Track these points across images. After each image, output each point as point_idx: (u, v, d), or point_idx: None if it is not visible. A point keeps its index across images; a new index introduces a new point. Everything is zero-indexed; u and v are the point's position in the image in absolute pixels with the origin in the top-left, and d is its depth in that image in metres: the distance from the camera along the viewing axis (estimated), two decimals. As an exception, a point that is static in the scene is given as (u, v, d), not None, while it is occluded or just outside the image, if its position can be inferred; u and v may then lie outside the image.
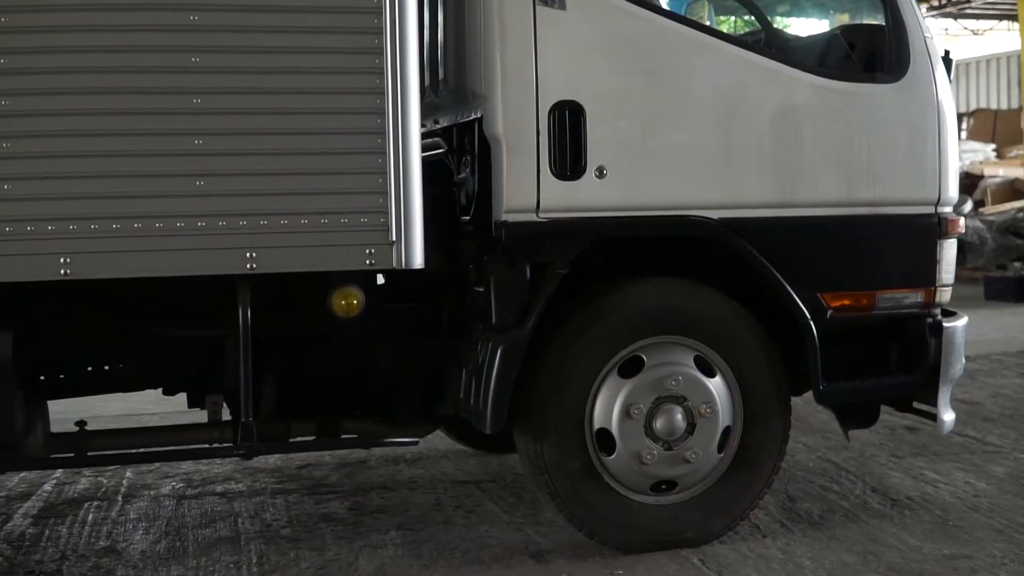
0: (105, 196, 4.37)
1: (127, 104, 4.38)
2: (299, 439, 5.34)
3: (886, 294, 5.37)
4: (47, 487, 6.69)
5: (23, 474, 6.82)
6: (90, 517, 6.07)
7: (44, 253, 4.33)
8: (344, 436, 5.42)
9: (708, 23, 5.80)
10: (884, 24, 5.44)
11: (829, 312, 5.24)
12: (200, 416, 5.44)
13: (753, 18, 6.31)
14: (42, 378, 5.16)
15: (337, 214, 4.58)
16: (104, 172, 4.37)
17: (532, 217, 4.90)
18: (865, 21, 6.29)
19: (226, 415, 5.27)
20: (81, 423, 5.21)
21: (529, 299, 4.91)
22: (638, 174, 5.01)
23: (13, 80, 4.29)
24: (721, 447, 5.16)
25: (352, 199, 4.59)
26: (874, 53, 5.48)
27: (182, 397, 5.52)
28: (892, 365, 5.52)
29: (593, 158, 4.92)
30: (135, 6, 4.40)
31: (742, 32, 6.64)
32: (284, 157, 4.54)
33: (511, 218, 4.88)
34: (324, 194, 4.57)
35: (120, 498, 6.43)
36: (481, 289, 5.05)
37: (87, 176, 4.36)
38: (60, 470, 6.87)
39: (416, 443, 5.46)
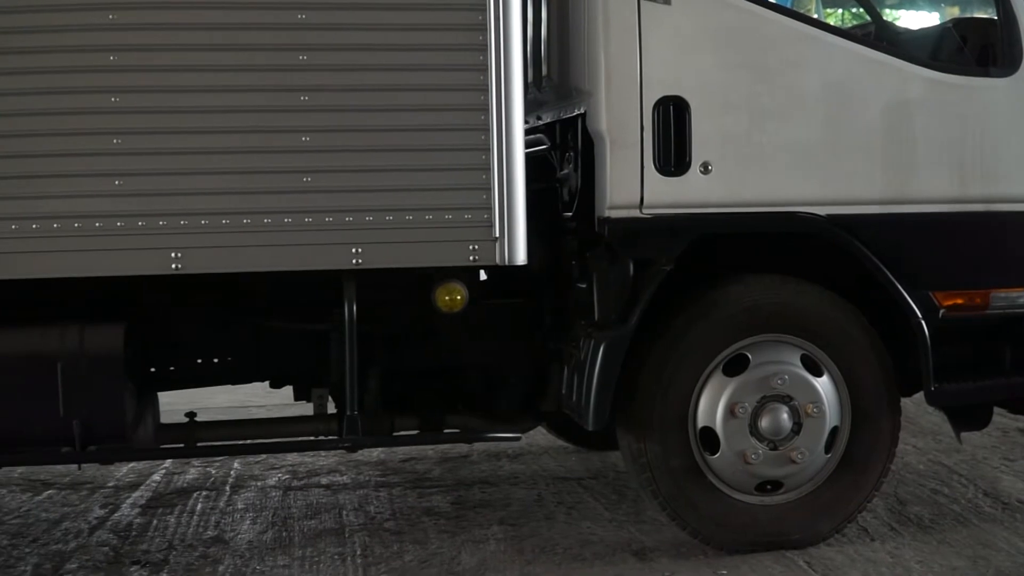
0: (215, 192, 4.45)
1: (237, 101, 4.45)
2: (402, 433, 5.38)
3: (1000, 293, 5.23)
4: (156, 477, 6.84)
5: (132, 464, 6.97)
6: (198, 507, 6.18)
7: (156, 248, 4.43)
8: (447, 431, 5.45)
9: (815, 16, 5.71)
10: (996, 18, 5.29)
11: (941, 311, 5.12)
12: (306, 409, 5.50)
13: (862, 11, 6.19)
14: (152, 370, 5.28)
15: (441, 210, 4.60)
16: (214, 168, 4.45)
17: (636, 213, 4.86)
18: (976, 15, 6.15)
19: (331, 408, 5.34)
20: (191, 414, 5.30)
21: (632, 296, 4.87)
22: (744, 170, 4.94)
23: (125, 77, 4.38)
24: (828, 448, 5.07)
25: (456, 195, 4.60)
26: (986, 47, 5.33)
27: (288, 390, 5.60)
28: (1005, 366, 5.37)
29: (698, 154, 4.87)
30: (245, 5, 4.47)
31: (851, 25, 6.52)
32: (389, 154, 4.57)
33: (614, 214, 4.85)
34: (428, 190, 4.59)
35: (228, 488, 6.54)
36: (584, 285, 5.03)
37: (198, 172, 4.44)
38: (169, 460, 7.01)
39: (518, 439, 5.47)
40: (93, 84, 4.37)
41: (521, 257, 4.68)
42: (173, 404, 5.44)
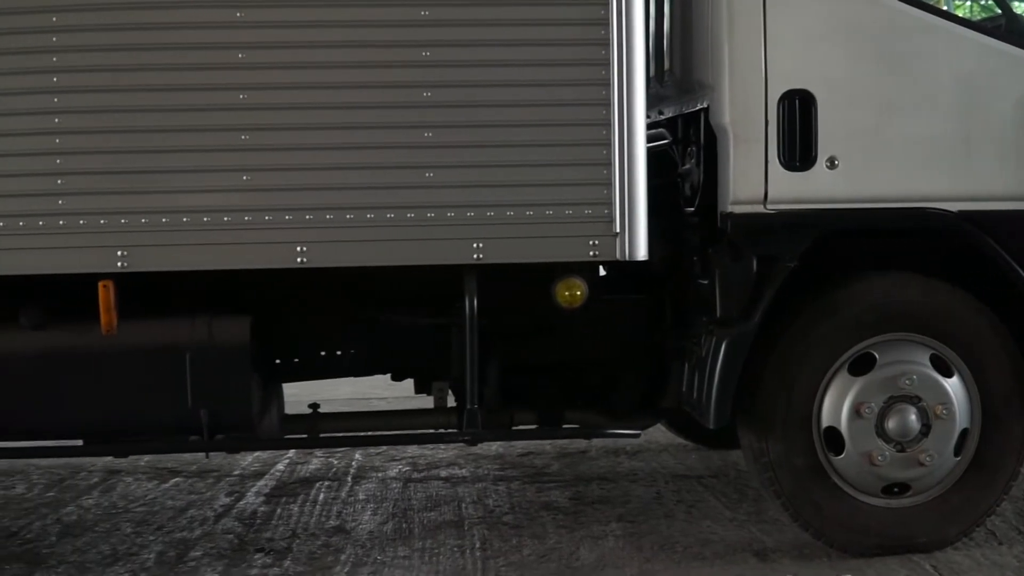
0: (340, 187, 4.50)
1: (361, 98, 4.51)
2: (521, 427, 5.39)
3: None
4: (280, 467, 6.96)
5: (257, 453, 7.12)
6: (320, 497, 6.28)
7: (282, 242, 4.50)
8: (565, 426, 5.44)
9: (944, 7, 5.56)
10: None
11: (1079, 312, 4.95)
12: (426, 402, 5.55)
13: (991, 3, 6.01)
14: (277, 362, 5.37)
15: (562, 205, 4.60)
16: (339, 164, 4.51)
17: (759, 209, 4.80)
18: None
19: (451, 402, 5.37)
20: (314, 406, 5.38)
21: (755, 293, 4.81)
22: (871, 165, 4.84)
23: (253, 74, 4.46)
24: (958, 450, 4.93)
25: (577, 191, 4.59)
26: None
27: (409, 383, 5.65)
28: None
29: (824, 148, 4.78)
30: (370, 1, 4.52)
31: (980, 17, 6.34)
32: (510, 149, 4.58)
33: (737, 210, 4.79)
34: (549, 186, 4.59)
35: (350, 479, 6.64)
36: (705, 282, 4.98)
37: (323, 168, 4.51)
38: (293, 450, 7.14)
39: (638, 436, 5.43)
40: (222, 81, 4.46)
41: (642, 252, 4.66)
42: (296, 395, 5.53)
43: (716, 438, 6.47)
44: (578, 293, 4.83)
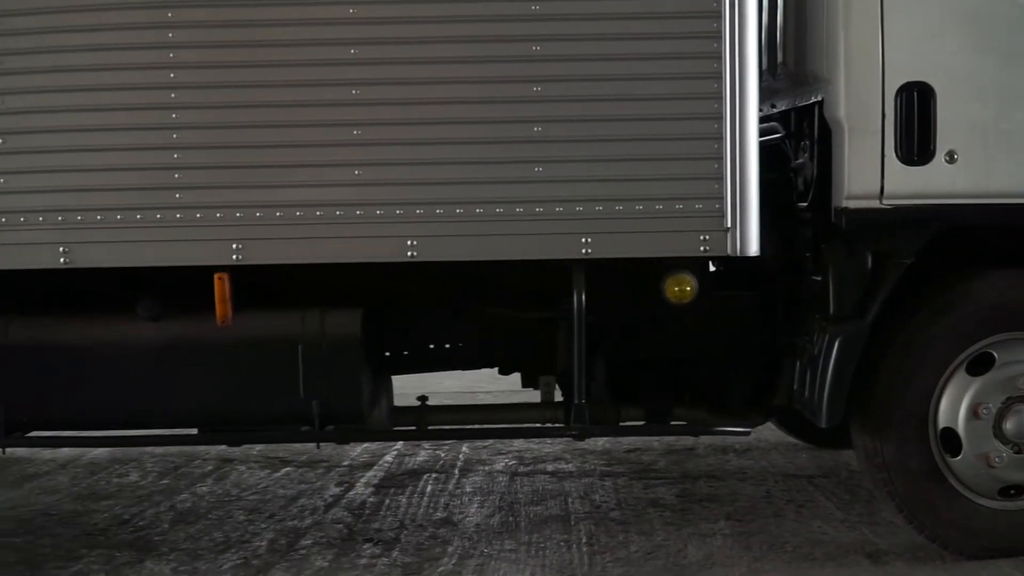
0: (450, 182, 4.53)
1: (471, 93, 4.51)
2: (629, 423, 5.37)
3: None
4: (388, 458, 7.03)
5: (366, 444, 7.20)
6: (428, 489, 6.33)
7: (392, 236, 4.54)
8: (673, 423, 5.40)
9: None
10: None
11: None
12: (533, 396, 5.55)
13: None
14: (387, 354, 5.42)
15: (672, 200, 4.56)
16: (449, 159, 4.53)
17: (875, 204, 4.70)
18: None
19: (558, 396, 5.37)
20: (423, 398, 5.43)
21: (870, 289, 4.71)
22: (992, 159, 4.71)
23: (365, 70, 4.50)
24: (1078, 453, 4.79)
25: (687, 185, 4.55)
26: None
27: (515, 377, 5.66)
28: None
29: (943, 142, 4.67)
30: (482, -3, 4.53)
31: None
32: (620, 143, 4.55)
33: (852, 204, 4.70)
34: (659, 180, 4.56)
35: (456, 472, 6.68)
36: (818, 278, 4.89)
37: (433, 162, 4.53)
38: (401, 442, 7.21)
39: (747, 434, 5.36)
40: (335, 77, 4.51)
41: (753, 248, 4.59)
42: (402, 388, 5.57)
43: (827, 437, 6.38)
44: (687, 289, 4.79)
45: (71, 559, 5.30)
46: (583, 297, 4.75)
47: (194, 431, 5.21)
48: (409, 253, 4.57)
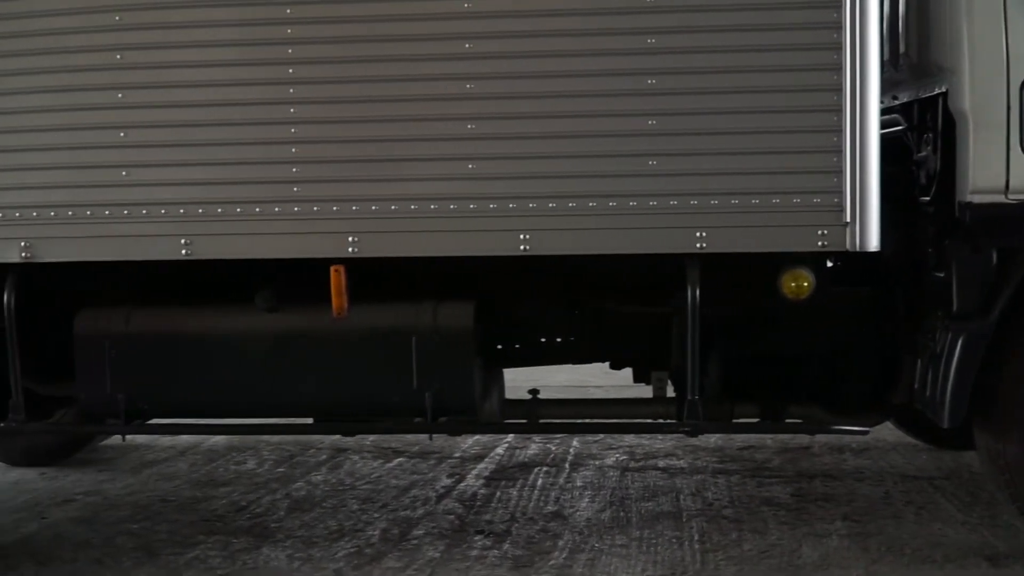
0: (563, 175, 4.51)
1: (586, 86, 4.49)
2: (743, 420, 5.29)
3: None
4: (499, 451, 7.06)
5: (477, 437, 7.23)
6: (539, 482, 6.33)
7: (505, 229, 4.54)
8: (789, 420, 5.31)
9: None
10: None
11: None
12: (645, 391, 5.51)
13: None
14: (499, 347, 5.43)
15: (789, 194, 4.48)
16: (562, 152, 4.52)
17: (1000, 198, 4.56)
18: None
19: (670, 392, 5.32)
20: (534, 392, 5.42)
21: (994, 286, 4.58)
22: (1123, 152, 4.54)
23: (479, 64, 4.51)
24: None
25: (805, 179, 4.46)
26: None
27: (627, 372, 5.63)
28: None
29: (1072, 136, 4.52)
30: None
31: None
32: (735, 136, 4.49)
33: (977, 199, 4.57)
34: (777, 174, 4.48)
35: (567, 466, 6.67)
36: (941, 274, 4.76)
37: (547, 156, 4.52)
38: (511, 435, 7.22)
39: (865, 433, 5.25)
40: (449, 72, 4.52)
41: (873, 243, 4.49)
42: (513, 381, 5.58)
43: (948, 438, 6.22)
44: (805, 284, 4.70)
45: (188, 545, 5.42)
46: (697, 292, 4.69)
47: (309, 420, 5.27)
48: (522, 247, 4.56)
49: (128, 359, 4.98)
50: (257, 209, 4.63)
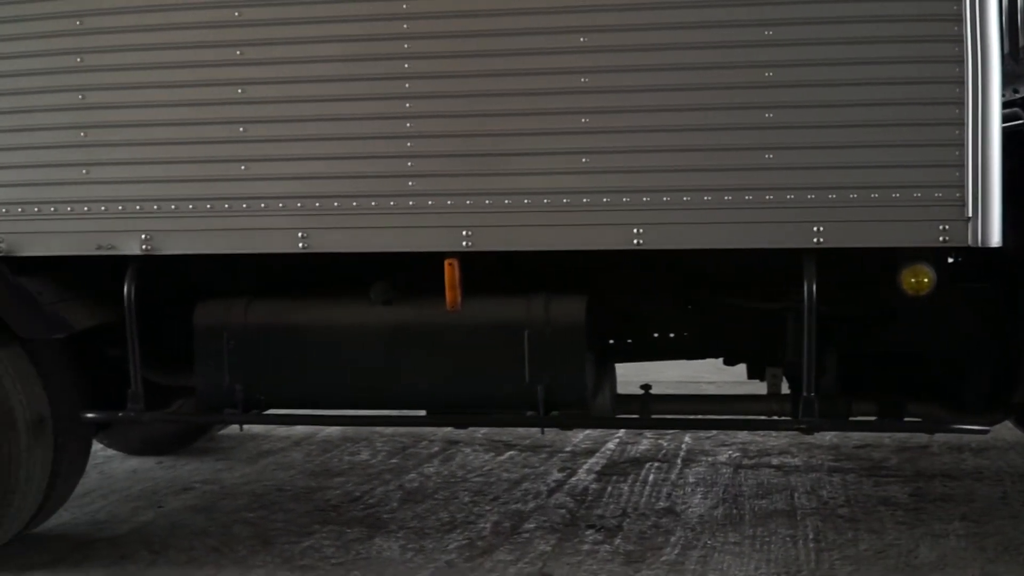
0: (677, 169, 4.48)
1: (701, 79, 4.45)
2: (860, 418, 5.20)
3: None
4: (610, 445, 7.04)
5: (588, 431, 7.23)
6: (650, 477, 6.31)
7: (619, 224, 4.52)
8: (907, 419, 5.21)
9: None
10: None
11: None
12: (758, 388, 5.46)
13: None
14: (611, 342, 5.42)
15: (909, 188, 4.39)
16: (676, 146, 4.48)
17: None
18: None
19: (785, 388, 5.26)
20: (646, 387, 5.40)
21: None
22: None
23: (592, 58, 4.49)
24: None
25: (926, 172, 4.37)
26: None
27: (740, 368, 5.58)
28: None
29: None
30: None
31: None
32: (855, 129, 4.40)
33: (1102, 194, 4.44)
34: (896, 167, 4.39)
35: (679, 462, 6.63)
36: (1064, 271, 4.64)
37: (661, 150, 4.49)
38: (623, 430, 7.21)
39: (986, 432, 5.12)
40: (563, 65, 4.52)
41: (995, 239, 4.38)
42: (624, 376, 5.56)
43: (1072, 438, 6.05)
44: (925, 280, 4.60)
45: (303, 534, 5.51)
46: (814, 287, 4.63)
47: (422, 413, 5.32)
48: (635, 241, 4.54)
49: (246, 350, 5.08)
50: (372, 203, 4.69)
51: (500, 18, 4.54)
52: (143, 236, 4.87)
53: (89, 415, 5.30)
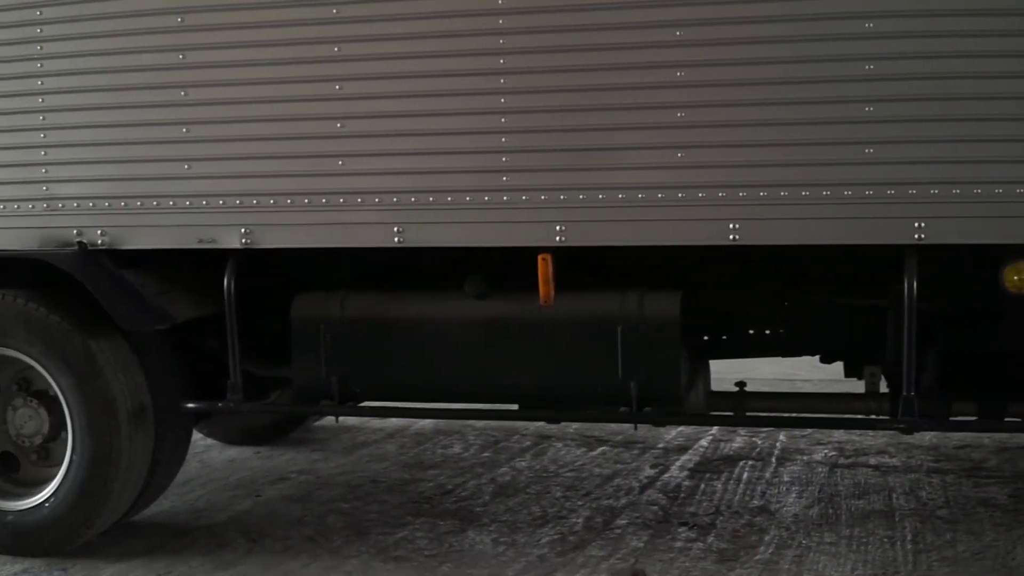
0: (775, 164, 4.42)
1: (799, 73, 4.38)
2: (960, 418, 5.09)
3: None
4: (703, 442, 6.99)
5: (680, 428, 7.18)
6: (744, 475, 6.25)
7: (714, 219, 4.48)
8: (1008, 419, 5.09)
9: None
10: None
11: None
12: (854, 386, 5.37)
13: None
14: (705, 338, 5.38)
15: (1012, 184, 4.28)
16: (774, 141, 4.42)
17: None
18: None
19: (883, 387, 5.17)
20: (740, 384, 5.35)
21: None
22: None
23: (688, 52, 4.45)
24: None
25: None
26: None
27: (837, 366, 5.50)
28: None
29: None
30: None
31: None
32: (958, 123, 4.31)
33: None
34: (1000, 162, 4.29)
35: (774, 460, 6.56)
36: None
37: (758, 144, 4.43)
38: (716, 427, 7.15)
39: (1089, 433, 5.01)
40: (658, 59, 4.48)
41: (1104, 234, 4.26)
42: (718, 373, 5.52)
43: None
44: None
45: (396, 526, 5.56)
46: (914, 284, 4.54)
47: (514, 407, 5.33)
48: (731, 236, 4.50)
49: (342, 343, 5.13)
50: (467, 198, 4.70)
51: (593, 12, 4.52)
52: (243, 230, 4.95)
53: (189, 405, 5.40)
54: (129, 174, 5.03)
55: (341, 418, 7.03)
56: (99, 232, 5.10)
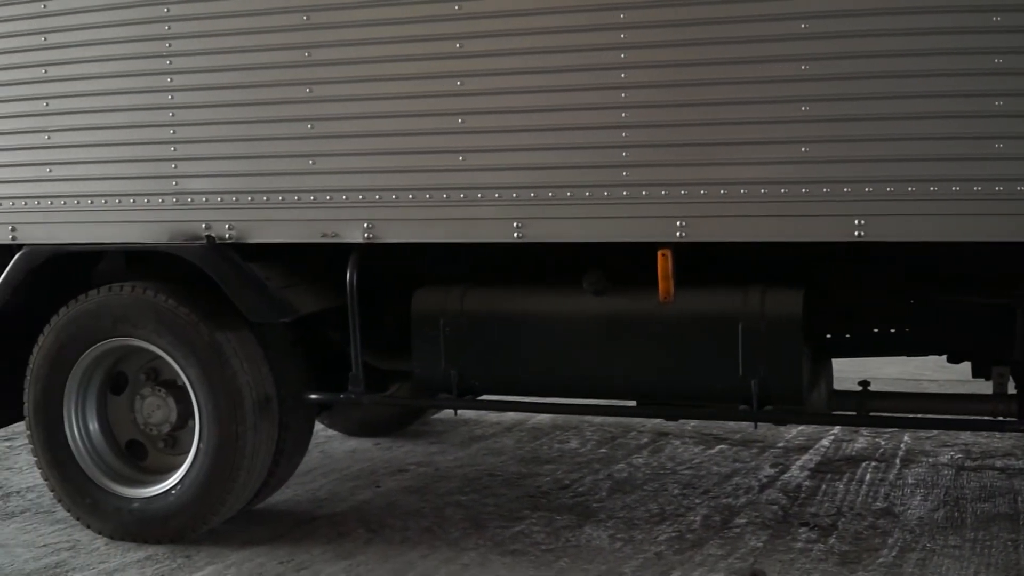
0: (901, 159, 4.32)
1: (924, 66, 4.26)
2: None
3: None
4: (825, 442, 6.89)
5: (801, 427, 7.08)
6: (867, 477, 6.14)
7: (839, 214, 4.40)
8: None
9: None
10: None
11: None
12: (982, 387, 5.24)
13: None
14: (828, 336, 5.29)
15: None
16: (900, 135, 4.32)
17: None
18: None
19: (1011, 388, 5.03)
20: (864, 383, 5.25)
21: None
22: None
23: (813, 45, 4.36)
24: None
25: None
26: None
27: (964, 366, 5.37)
28: None
29: None
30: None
31: None
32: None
33: None
34: None
35: (898, 461, 6.43)
36: None
37: (883, 139, 4.34)
38: (838, 427, 7.03)
39: None
40: (784, 53, 4.41)
41: None
42: (840, 372, 5.42)
43: None
44: None
45: (513, 519, 5.58)
46: (1047, 283, 4.42)
47: (632, 403, 5.31)
48: (856, 232, 4.41)
49: (462, 337, 5.17)
50: (587, 193, 4.70)
51: (716, 6, 4.48)
52: (365, 224, 5.02)
53: (312, 396, 5.50)
54: (256, 169, 5.14)
55: (459, 411, 7.08)
56: (227, 226, 5.22)
